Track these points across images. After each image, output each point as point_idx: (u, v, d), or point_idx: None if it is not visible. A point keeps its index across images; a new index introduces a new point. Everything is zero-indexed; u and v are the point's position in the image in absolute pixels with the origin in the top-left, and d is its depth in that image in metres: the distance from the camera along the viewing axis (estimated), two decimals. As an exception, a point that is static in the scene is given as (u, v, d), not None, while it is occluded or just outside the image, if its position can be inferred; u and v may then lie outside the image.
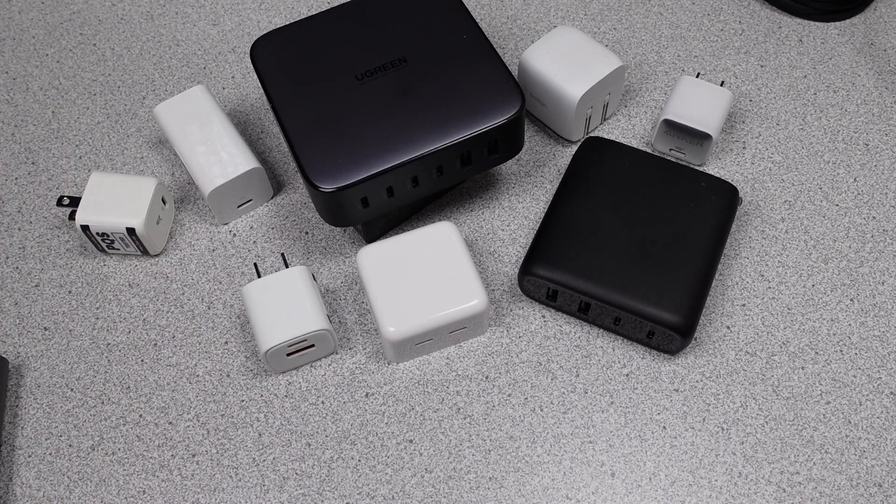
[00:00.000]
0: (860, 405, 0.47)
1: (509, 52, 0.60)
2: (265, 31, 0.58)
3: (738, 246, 0.52)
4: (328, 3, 0.64)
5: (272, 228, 0.53)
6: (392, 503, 0.45)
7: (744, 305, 0.50)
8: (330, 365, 0.49)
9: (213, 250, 0.53)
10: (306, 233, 0.53)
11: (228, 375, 0.48)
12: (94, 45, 0.62)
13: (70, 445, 0.47)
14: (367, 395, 0.48)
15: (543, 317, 0.50)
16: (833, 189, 0.54)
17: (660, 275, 0.46)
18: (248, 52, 0.61)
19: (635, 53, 0.60)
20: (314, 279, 0.49)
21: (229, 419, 0.47)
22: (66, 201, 0.51)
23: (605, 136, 0.55)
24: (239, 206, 0.53)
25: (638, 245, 0.47)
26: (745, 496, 0.44)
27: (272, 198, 0.55)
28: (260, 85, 0.59)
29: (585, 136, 0.56)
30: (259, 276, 0.50)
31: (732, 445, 0.46)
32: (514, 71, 0.58)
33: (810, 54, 0.59)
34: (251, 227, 0.53)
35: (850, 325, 0.49)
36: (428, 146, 0.46)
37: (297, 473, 0.45)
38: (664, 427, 0.46)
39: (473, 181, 0.55)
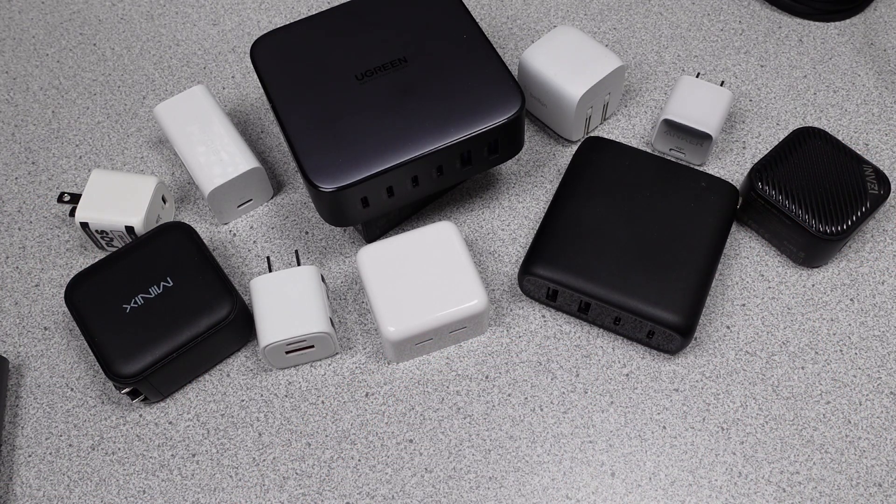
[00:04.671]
0: (860, 405, 0.47)
1: (509, 52, 0.60)
2: (265, 31, 0.58)
3: (738, 246, 0.52)
4: (328, 3, 0.64)
5: (272, 228, 0.53)
6: (392, 503, 0.45)
7: (744, 305, 0.50)
8: (330, 365, 0.49)
9: (214, 250, 0.53)
10: (306, 233, 0.53)
11: (228, 375, 0.49)
12: (94, 45, 0.62)
13: (70, 445, 0.47)
14: (367, 394, 0.48)
15: (543, 317, 0.50)
16: (833, 189, 0.54)
17: (660, 275, 0.46)
18: (248, 52, 0.62)
19: (635, 53, 0.60)
20: (323, 280, 0.49)
21: (229, 419, 0.47)
22: (67, 198, 0.51)
23: (605, 136, 0.55)
24: (239, 206, 0.53)
25: (638, 245, 0.47)
26: (745, 496, 0.44)
27: (272, 198, 0.55)
28: (260, 85, 0.59)
29: (585, 136, 0.56)
30: (270, 271, 0.50)
31: (732, 445, 0.46)
32: (514, 71, 0.58)
33: (810, 54, 0.59)
34: (251, 227, 0.54)
35: (850, 325, 0.49)
36: (428, 146, 0.46)
37: (297, 473, 0.45)
38: (664, 427, 0.46)
39: (473, 181, 0.55)
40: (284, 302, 0.46)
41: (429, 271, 0.46)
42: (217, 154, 0.51)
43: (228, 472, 0.46)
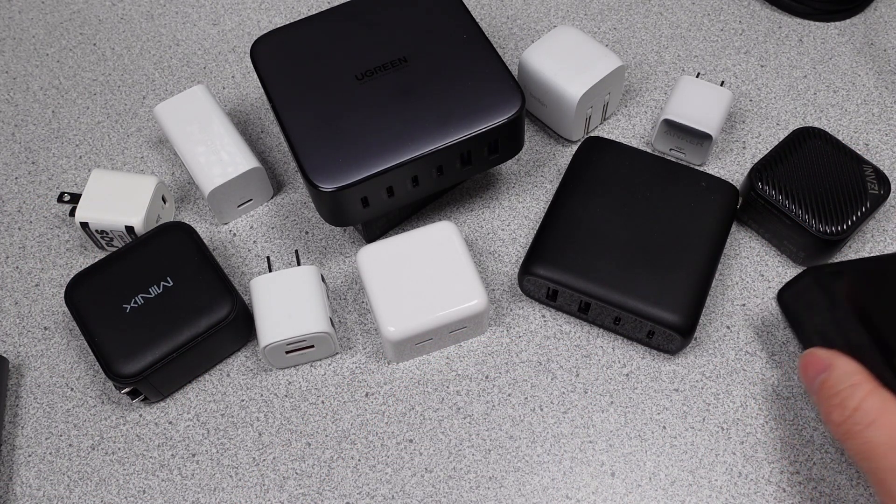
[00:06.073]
0: (860, 405, 0.46)
1: (509, 52, 0.60)
2: (265, 31, 0.58)
3: (738, 246, 0.52)
4: (328, 2, 0.64)
5: (272, 228, 0.53)
6: (392, 503, 0.45)
7: (744, 305, 0.50)
8: (330, 364, 0.49)
9: (213, 250, 0.53)
10: (306, 233, 0.53)
11: (228, 375, 0.49)
12: (94, 44, 0.62)
13: (70, 445, 0.47)
14: (367, 394, 0.48)
15: (543, 317, 0.50)
16: (833, 189, 0.54)
17: (660, 274, 0.46)
18: (248, 52, 0.62)
19: (635, 53, 0.60)
20: (323, 280, 0.49)
21: (229, 419, 0.47)
22: (67, 198, 0.51)
23: (605, 136, 0.55)
24: (239, 206, 0.53)
25: (638, 245, 0.47)
26: (745, 496, 0.44)
27: (272, 198, 0.55)
28: (260, 85, 0.59)
29: (585, 136, 0.56)
30: (270, 271, 0.50)
31: (732, 445, 0.46)
32: (514, 71, 0.58)
33: (810, 54, 0.59)
34: (251, 227, 0.54)
35: (850, 324, 0.49)
36: (428, 146, 0.46)
37: (297, 473, 0.45)
38: (664, 427, 0.46)
39: (473, 181, 0.55)
40: (284, 302, 0.46)
41: (429, 271, 0.46)
42: (217, 154, 0.51)
43: (228, 472, 0.46)
